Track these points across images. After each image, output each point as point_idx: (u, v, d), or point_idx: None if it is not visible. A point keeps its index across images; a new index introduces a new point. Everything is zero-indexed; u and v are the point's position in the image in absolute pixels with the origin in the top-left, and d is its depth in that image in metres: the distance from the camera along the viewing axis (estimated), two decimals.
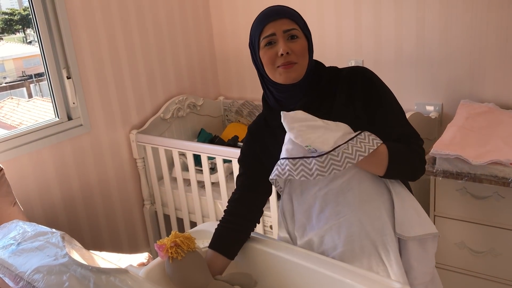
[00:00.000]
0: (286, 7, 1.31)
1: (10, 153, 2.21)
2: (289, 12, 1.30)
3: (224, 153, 2.33)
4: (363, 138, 1.22)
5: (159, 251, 1.28)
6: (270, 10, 1.31)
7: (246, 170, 1.45)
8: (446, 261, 2.02)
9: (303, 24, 1.32)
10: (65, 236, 1.31)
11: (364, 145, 1.21)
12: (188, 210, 2.68)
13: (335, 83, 1.33)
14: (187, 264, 1.25)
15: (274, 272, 1.35)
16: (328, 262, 1.28)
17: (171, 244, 1.26)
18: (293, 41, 1.27)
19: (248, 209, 1.44)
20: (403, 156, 1.27)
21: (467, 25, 2.25)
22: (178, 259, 1.25)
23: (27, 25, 2.61)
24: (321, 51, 2.70)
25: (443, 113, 2.44)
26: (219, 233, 1.41)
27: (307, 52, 1.30)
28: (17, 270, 1.18)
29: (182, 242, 1.27)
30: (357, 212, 1.29)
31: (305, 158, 1.22)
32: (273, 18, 1.27)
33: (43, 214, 2.37)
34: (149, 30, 2.75)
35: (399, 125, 1.32)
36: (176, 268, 1.25)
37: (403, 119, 1.33)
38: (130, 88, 2.69)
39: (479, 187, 1.83)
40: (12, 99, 2.77)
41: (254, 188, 1.44)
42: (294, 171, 1.21)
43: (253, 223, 1.44)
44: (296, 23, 1.29)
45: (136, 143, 2.68)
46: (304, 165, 1.21)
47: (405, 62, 2.47)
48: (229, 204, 1.46)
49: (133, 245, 2.84)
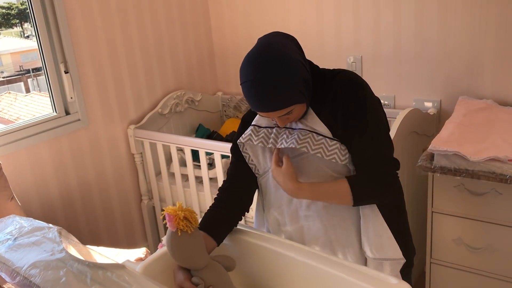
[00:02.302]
0: (271, 96, 1.19)
1: (8, 147, 2.20)
2: (277, 104, 1.21)
3: (222, 148, 2.33)
4: (331, 145, 1.26)
5: (169, 221, 1.19)
6: (254, 99, 1.21)
7: (238, 159, 1.46)
8: (443, 257, 2.02)
9: (296, 95, 1.22)
10: (62, 231, 1.30)
11: (325, 148, 1.26)
12: (186, 205, 2.68)
13: (327, 89, 1.31)
14: (193, 241, 1.21)
15: (255, 259, 1.37)
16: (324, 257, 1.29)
17: (183, 216, 1.20)
18: (290, 114, 1.26)
19: (238, 198, 1.46)
20: (367, 191, 1.28)
21: (466, 22, 2.25)
22: (188, 233, 1.19)
23: (25, 19, 2.59)
24: (320, 47, 2.69)
25: (441, 110, 2.44)
26: (209, 216, 1.42)
27: (305, 107, 1.29)
28: (13, 265, 1.17)
29: (191, 218, 1.21)
30: (323, 219, 1.37)
31: (268, 128, 1.36)
32: (263, 111, 1.24)
33: (41, 209, 2.36)
34: (147, 25, 2.74)
35: (372, 147, 1.27)
36: (183, 242, 1.20)
37: (378, 141, 1.28)
38: (128, 83, 2.68)
39: (477, 184, 1.83)
40: (10, 94, 2.76)
41: (244, 177, 1.46)
42: (255, 136, 1.36)
43: (242, 211, 1.46)
44: (290, 105, 1.22)
45: (134, 138, 2.68)
46: (266, 133, 1.36)
47: (403, 58, 2.46)
48: (220, 192, 1.48)
49: (130, 240, 2.84)
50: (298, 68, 1.21)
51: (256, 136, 1.38)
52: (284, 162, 1.32)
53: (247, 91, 1.21)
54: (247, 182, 1.47)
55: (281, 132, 1.35)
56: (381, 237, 1.34)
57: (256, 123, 1.40)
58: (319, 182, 1.32)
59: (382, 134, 1.29)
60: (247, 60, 1.22)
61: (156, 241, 2.92)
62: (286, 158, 1.32)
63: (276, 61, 1.18)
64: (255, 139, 1.38)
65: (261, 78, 1.18)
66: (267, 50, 1.21)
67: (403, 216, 1.47)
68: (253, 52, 1.23)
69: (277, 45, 1.22)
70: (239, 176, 1.47)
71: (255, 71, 1.19)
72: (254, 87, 1.19)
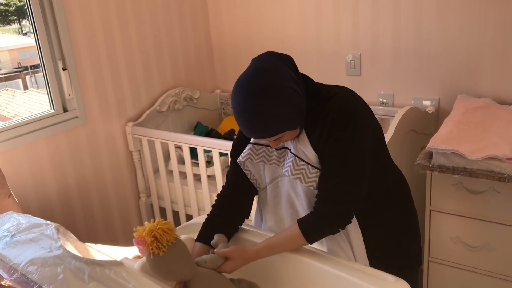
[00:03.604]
0: (259, 126, 1.21)
1: (5, 144, 2.20)
2: (265, 134, 1.23)
3: (221, 146, 2.33)
4: (312, 172, 1.28)
5: (138, 246, 1.18)
6: (243, 127, 1.23)
7: (237, 165, 1.45)
8: (441, 256, 2.02)
9: (285, 124, 1.22)
10: (59, 228, 1.30)
11: (305, 175, 1.28)
12: (184, 203, 2.68)
13: (320, 111, 1.29)
14: (169, 258, 1.18)
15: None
16: (323, 256, 1.29)
17: (151, 239, 1.17)
18: (282, 138, 1.27)
19: (237, 205, 1.46)
20: (318, 231, 1.29)
21: (465, 20, 2.25)
22: (160, 255, 1.17)
23: (23, 16, 2.58)
24: (319, 46, 2.69)
25: (440, 108, 2.44)
26: (207, 226, 1.42)
27: (298, 131, 1.29)
28: (11, 262, 1.17)
29: (161, 236, 1.17)
30: None
31: (268, 146, 1.38)
32: (253, 138, 1.27)
33: (38, 206, 2.36)
34: (146, 22, 2.74)
35: (337, 178, 1.25)
36: (159, 263, 1.18)
37: (346, 173, 1.25)
38: (126, 80, 2.68)
39: (475, 182, 1.83)
40: (8, 91, 2.75)
41: (243, 184, 1.46)
42: (256, 155, 1.39)
43: (241, 218, 1.46)
44: (278, 133, 1.23)
45: (132, 136, 2.67)
46: (266, 152, 1.39)
47: (402, 56, 2.46)
48: (218, 199, 1.48)
49: (128, 238, 2.84)
50: (288, 97, 1.20)
51: (256, 155, 1.39)
52: (224, 254, 1.29)
53: (236, 117, 1.23)
54: (247, 190, 1.47)
55: (282, 152, 1.37)
56: (352, 247, 1.35)
57: (254, 141, 1.40)
58: (271, 237, 1.33)
59: (354, 167, 1.25)
60: (237, 88, 1.22)
61: None
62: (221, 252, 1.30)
63: (264, 91, 1.18)
64: (255, 158, 1.40)
65: (249, 108, 1.19)
66: (256, 78, 1.20)
67: (408, 214, 1.47)
68: (242, 79, 1.22)
69: (267, 73, 1.20)
70: (239, 183, 1.46)
71: (243, 100, 1.20)
72: (242, 116, 1.21)
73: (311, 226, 1.28)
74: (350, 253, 1.34)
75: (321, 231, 1.30)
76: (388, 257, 1.39)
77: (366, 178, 1.27)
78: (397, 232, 1.43)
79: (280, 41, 2.83)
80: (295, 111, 1.22)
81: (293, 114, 1.22)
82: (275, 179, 1.41)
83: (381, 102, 2.58)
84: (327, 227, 1.28)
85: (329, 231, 1.29)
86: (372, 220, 1.36)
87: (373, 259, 1.36)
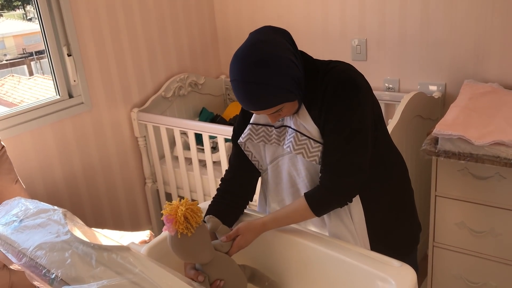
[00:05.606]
0: (257, 96, 1.19)
1: (11, 130, 2.21)
2: (264, 104, 1.21)
3: (226, 132, 2.33)
4: (314, 146, 1.27)
5: (167, 223, 1.17)
6: (241, 98, 1.22)
7: (240, 149, 1.46)
8: (446, 241, 2.03)
9: (284, 95, 1.21)
10: (67, 213, 1.31)
11: (308, 150, 1.28)
12: (189, 188, 2.69)
13: (319, 84, 1.28)
14: (195, 240, 1.19)
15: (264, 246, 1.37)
16: (327, 240, 1.30)
17: (182, 219, 1.16)
18: (280, 111, 1.26)
19: (241, 188, 1.47)
20: (324, 204, 1.30)
21: (472, 4, 2.22)
22: (188, 236, 1.17)
23: (27, 2, 2.57)
24: (325, 30, 2.67)
25: (446, 93, 2.42)
26: (213, 209, 1.42)
27: (296, 104, 1.28)
28: (20, 247, 1.18)
29: (192, 217, 1.17)
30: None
31: (267, 126, 1.38)
32: (251, 110, 1.25)
33: (45, 192, 2.38)
34: (150, 8, 2.72)
35: (342, 151, 1.25)
36: (185, 243, 1.19)
37: (350, 146, 1.25)
38: (131, 66, 2.67)
39: (481, 168, 1.83)
40: (13, 77, 2.76)
41: (246, 167, 1.47)
42: (255, 135, 1.39)
43: (245, 200, 1.48)
44: (277, 104, 1.22)
45: (138, 122, 2.68)
46: (265, 132, 1.38)
47: (409, 41, 2.44)
48: (222, 183, 1.49)
49: (135, 223, 2.86)
50: (286, 68, 1.19)
51: (256, 135, 1.40)
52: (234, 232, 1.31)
53: (235, 90, 1.22)
54: (250, 172, 1.48)
55: (281, 131, 1.36)
56: (350, 230, 1.36)
57: (254, 121, 1.40)
58: (279, 209, 1.35)
59: (357, 138, 1.26)
60: (235, 59, 1.21)
61: (160, 223, 2.94)
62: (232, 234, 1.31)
63: (262, 61, 1.17)
64: (255, 138, 1.40)
65: (247, 79, 1.18)
66: (254, 49, 1.19)
67: (407, 194, 1.49)
68: (240, 51, 1.21)
69: (265, 44, 1.20)
70: (242, 166, 1.47)
71: (241, 71, 1.19)
72: (241, 87, 1.20)
73: (319, 200, 1.29)
74: (352, 228, 1.35)
75: (329, 205, 1.31)
76: (388, 232, 1.41)
77: (369, 148, 1.28)
78: (395, 207, 1.44)
79: (286, 25, 2.78)
80: (293, 82, 1.21)
81: (292, 85, 1.21)
82: (275, 159, 1.42)
83: (387, 87, 2.56)
84: (335, 201, 1.30)
85: (338, 204, 1.31)
86: (374, 191, 1.37)
87: (374, 237, 1.38)
